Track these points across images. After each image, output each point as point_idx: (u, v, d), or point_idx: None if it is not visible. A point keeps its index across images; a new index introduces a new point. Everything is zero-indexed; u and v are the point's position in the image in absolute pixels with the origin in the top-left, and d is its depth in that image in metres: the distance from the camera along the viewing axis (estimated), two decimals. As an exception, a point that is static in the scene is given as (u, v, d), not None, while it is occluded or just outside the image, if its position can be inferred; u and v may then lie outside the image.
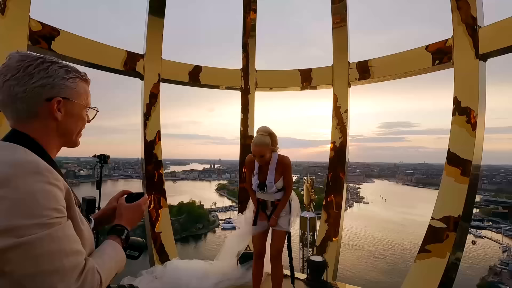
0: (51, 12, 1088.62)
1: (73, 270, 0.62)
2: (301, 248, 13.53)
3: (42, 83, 0.73)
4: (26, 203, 0.59)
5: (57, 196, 0.65)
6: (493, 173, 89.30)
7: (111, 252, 0.80)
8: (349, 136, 4.55)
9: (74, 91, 0.80)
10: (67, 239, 0.64)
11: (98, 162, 3.75)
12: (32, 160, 0.66)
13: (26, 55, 0.74)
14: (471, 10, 3.22)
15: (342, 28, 4.54)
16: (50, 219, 0.61)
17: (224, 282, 3.16)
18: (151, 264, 3.99)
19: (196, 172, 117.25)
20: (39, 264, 0.58)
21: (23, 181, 0.61)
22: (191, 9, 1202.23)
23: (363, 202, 74.11)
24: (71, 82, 0.79)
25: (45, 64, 0.74)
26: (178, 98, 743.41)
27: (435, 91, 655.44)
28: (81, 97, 0.82)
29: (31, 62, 0.73)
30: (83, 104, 0.83)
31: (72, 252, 0.64)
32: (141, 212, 0.98)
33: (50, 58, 0.77)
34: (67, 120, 0.79)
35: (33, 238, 0.58)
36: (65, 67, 0.78)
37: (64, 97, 0.77)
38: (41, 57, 0.75)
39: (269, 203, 2.64)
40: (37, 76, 0.73)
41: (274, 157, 2.53)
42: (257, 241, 2.72)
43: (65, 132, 0.81)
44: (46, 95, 0.74)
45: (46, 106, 0.74)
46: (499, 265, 35.43)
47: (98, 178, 3.74)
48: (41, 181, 0.63)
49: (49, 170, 0.66)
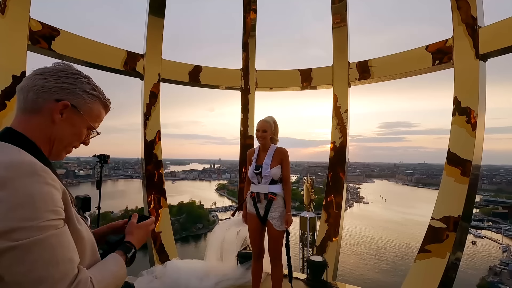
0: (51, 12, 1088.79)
1: (62, 279, 0.60)
2: (301, 248, 13.57)
3: (62, 85, 0.74)
4: (24, 205, 0.58)
5: (54, 197, 0.64)
6: (493, 173, 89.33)
7: (113, 267, 0.77)
8: (349, 136, 4.55)
9: (87, 106, 0.79)
10: (61, 246, 0.62)
11: (98, 162, 3.76)
12: (28, 160, 0.64)
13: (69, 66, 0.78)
14: (471, 10, 3.22)
15: (342, 28, 4.54)
16: (46, 221, 0.60)
17: (224, 282, 3.16)
18: (151, 264, 3.99)
19: (196, 172, 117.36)
20: (30, 270, 0.57)
21: (20, 183, 0.59)
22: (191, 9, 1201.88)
23: (363, 202, 74.16)
24: (90, 98, 0.79)
25: (76, 76, 0.77)
26: (178, 98, 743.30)
27: (435, 91, 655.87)
28: (91, 116, 0.81)
29: (66, 70, 0.77)
30: (88, 123, 0.81)
31: (64, 260, 0.61)
32: (148, 231, 0.99)
33: (84, 74, 0.79)
34: (64, 127, 0.76)
35: (28, 242, 0.57)
36: (93, 85, 0.80)
37: (74, 105, 0.76)
38: (79, 72, 0.78)
39: (262, 196, 2.58)
40: (63, 80, 0.75)
41: (273, 146, 2.66)
42: (255, 241, 2.70)
43: (56, 138, 0.76)
44: (59, 96, 0.74)
45: (52, 105, 0.73)
46: (499, 265, 35.46)
47: (98, 178, 3.75)
48: (38, 182, 0.62)
49: (45, 171, 0.65)
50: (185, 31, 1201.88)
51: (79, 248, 0.68)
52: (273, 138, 2.69)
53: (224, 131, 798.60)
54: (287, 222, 2.54)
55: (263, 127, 2.62)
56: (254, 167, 2.62)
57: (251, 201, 2.67)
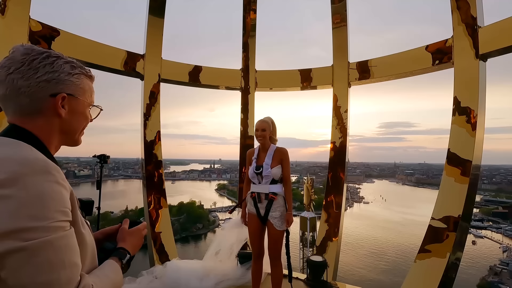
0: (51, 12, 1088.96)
1: (68, 284, 0.58)
2: (301, 248, 13.57)
3: (47, 78, 0.70)
4: (34, 204, 0.57)
5: (64, 197, 0.63)
6: (493, 173, 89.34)
7: (111, 274, 0.75)
8: (349, 136, 4.55)
9: (79, 88, 0.77)
10: (68, 250, 0.60)
11: (98, 162, 3.76)
12: (41, 158, 0.63)
13: (31, 48, 0.71)
14: (471, 10, 3.22)
15: (342, 28, 4.54)
16: (55, 222, 0.58)
17: (224, 282, 3.16)
18: (151, 264, 3.99)
19: (196, 172, 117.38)
20: (36, 273, 0.55)
21: (32, 180, 0.58)
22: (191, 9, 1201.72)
23: (363, 202, 74.14)
24: (76, 78, 0.76)
25: (50, 59, 0.72)
26: (178, 98, 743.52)
27: (435, 91, 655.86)
28: (85, 94, 0.79)
29: (36, 56, 0.70)
30: (87, 102, 0.80)
31: (71, 265, 0.60)
32: (141, 237, 0.95)
33: (55, 53, 0.74)
34: (71, 118, 0.76)
35: (36, 244, 0.55)
36: (71, 63, 0.76)
37: (69, 94, 0.74)
38: (47, 51, 0.72)
39: (263, 196, 2.59)
40: (42, 71, 0.70)
41: (272, 146, 2.67)
42: (255, 241, 2.70)
43: (68, 130, 0.78)
44: (51, 91, 0.71)
45: (51, 102, 0.71)
46: (499, 265, 35.45)
47: (98, 178, 3.75)
48: (50, 180, 0.60)
49: (57, 170, 0.64)
50: (185, 31, 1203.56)
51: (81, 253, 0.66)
52: (272, 138, 2.70)
53: (224, 131, 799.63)
54: (288, 221, 2.54)
55: (261, 126, 2.64)
56: (255, 167, 2.63)
57: (251, 201, 2.67)
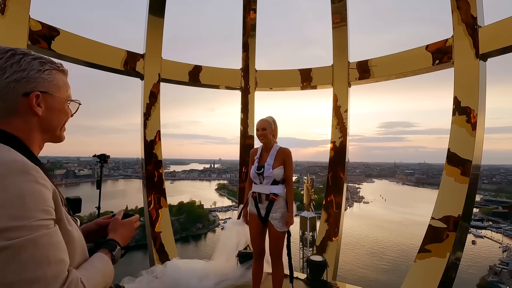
0: (51, 12, 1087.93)
1: (55, 280, 0.58)
2: (301, 248, 13.56)
3: (16, 77, 0.68)
4: (15, 204, 0.57)
5: (45, 196, 0.63)
6: (493, 173, 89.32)
7: (99, 265, 0.76)
8: (349, 136, 4.55)
9: (52, 84, 0.75)
10: (52, 247, 0.61)
11: (98, 162, 3.76)
12: (19, 159, 0.63)
13: None
14: (471, 10, 3.22)
15: (342, 28, 4.54)
16: (38, 221, 0.59)
17: (224, 282, 3.16)
18: (151, 264, 3.99)
19: (196, 172, 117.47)
20: (22, 270, 0.55)
21: (10, 181, 0.58)
22: (191, 9, 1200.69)
23: (363, 202, 74.19)
24: (48, 75, 0.74)
25: (16, 57, 0.69)
26: (178, 98, 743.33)
27: (435, 91, 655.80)
28: (60, 90, 0.77)
29: (1, 56, 0.68)
30: (64, 98, 0.79)
31: (56, 261, 0.60)
32: (133, 229, 0.96)
33: (21, 50, 0.71)
34: (49, 115, 0.75)
35: (20, 242, 0.55)
36: (39, 59, 0.73)
37: (43, 91, 0.72)
38: (11, 49, 0.70)
39: (264, 197, 2.57)
40: (10, 70, 0.67)
41: (276, 146, 2.64)
42: (256, 240, 2.70)
43: (49, 128, 0.77)
44: (23, 90, 0.69)
45: (25, 101, 0.70)
46: (499, 265, 35.47)
47: (98, 178, 3.75)
48: (29, 180, 0.61)
49: (36, 170, 0.64)
50: (185, 31, 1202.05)
51: (69, 249, 0.67)
52: (273, 135, 2.68)
53: (224, 131, 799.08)
54: (287, 223, 2.53)
55: (262, 125, 2.62)
56: (256, 167, 2.61)
57: (252, 201, 2.67)
